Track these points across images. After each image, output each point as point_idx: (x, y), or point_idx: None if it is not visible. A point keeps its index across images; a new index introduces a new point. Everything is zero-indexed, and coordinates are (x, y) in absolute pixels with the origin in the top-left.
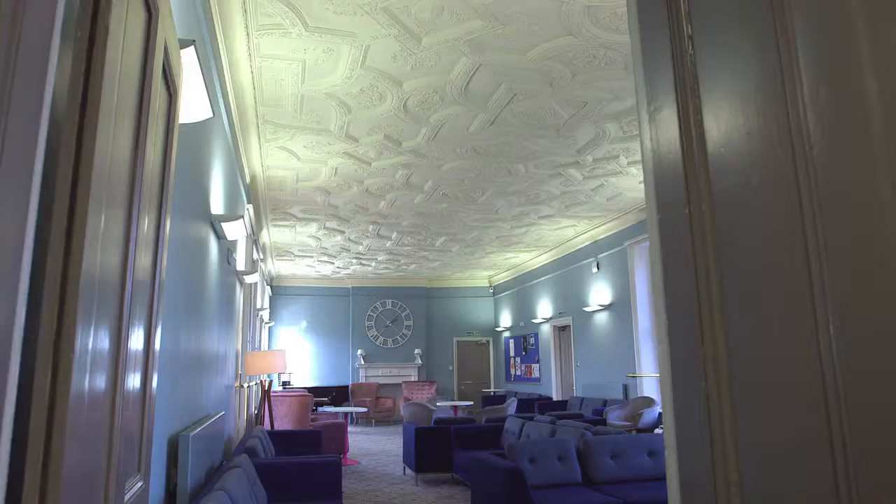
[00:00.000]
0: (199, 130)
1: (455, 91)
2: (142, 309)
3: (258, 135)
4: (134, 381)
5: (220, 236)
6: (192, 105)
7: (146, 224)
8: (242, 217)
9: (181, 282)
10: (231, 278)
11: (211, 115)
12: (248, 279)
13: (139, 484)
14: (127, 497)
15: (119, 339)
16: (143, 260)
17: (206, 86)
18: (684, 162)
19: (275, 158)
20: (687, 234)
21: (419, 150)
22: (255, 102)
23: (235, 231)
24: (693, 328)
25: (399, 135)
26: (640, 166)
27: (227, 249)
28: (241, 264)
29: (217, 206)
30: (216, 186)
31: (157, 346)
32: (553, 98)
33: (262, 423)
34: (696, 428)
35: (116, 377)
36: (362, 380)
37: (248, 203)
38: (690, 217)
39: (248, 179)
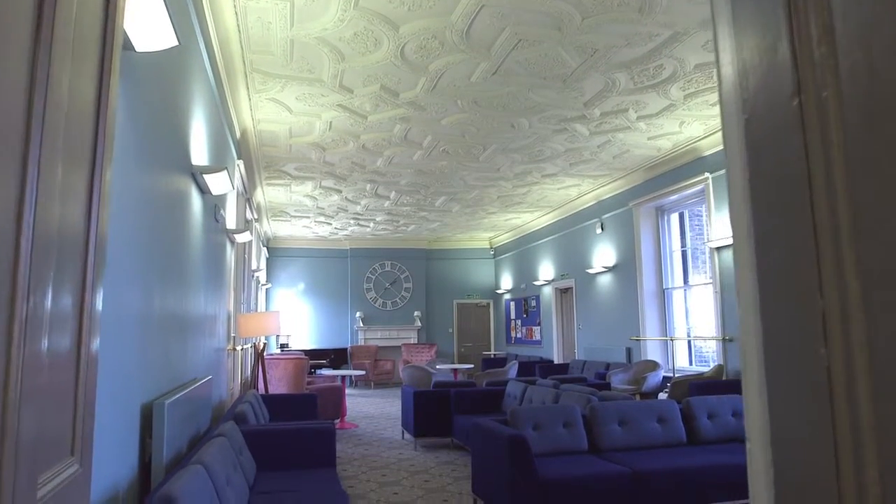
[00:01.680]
0: (175, 72)
1: (455, 36)
2: (68, 267)
3: (247, 85)
4: (55, 345)
5: (203, 190)
6: (149, 28)
7: (59, 173)
8: (226, 169)
9: (153, 238)
10: (220, 237)
11: (176, 43)
12: (240, 238)
13: (72, 469)
14: (50, 487)
15: (13, 299)
16: (57, 214)
17: (166, 5)
18: (790, 17)
19: (266, 111)
20: (797, 135)
21: (418, 103)
22: (242, 49)
23: (220, 185)
24: (805, 270)
25: (396, 85)
26: (649, 121)
27: (215, 206)
28: (231, 222)
29: (200, 158)
30: (198, 136)
31: (97, 306)
32: (560, 44)
33: (255, 387)
34: (807, 414)
35: (11, 341)
36: (361, 342)
37: (239, 159)
38: (802, 110)
39: (238, 134)
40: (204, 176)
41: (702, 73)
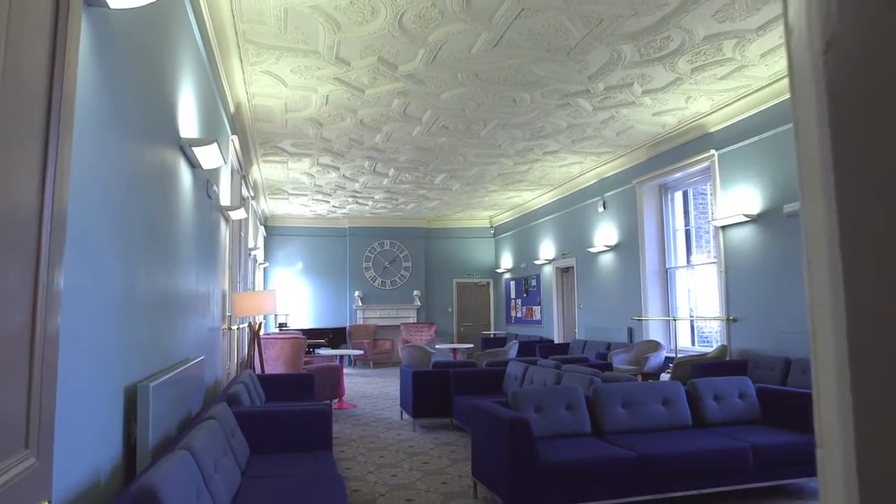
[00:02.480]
0: (161, 39)
1: (456, 4)
2: (15, 243)
3: (239, 57)
4: None
5: (194, 164)
6: None
7: None
8: (217, 142)
9: (137, 213)
10: (214, 213)
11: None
12: (235, 215)
13: (26, 463)
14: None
15: None
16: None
17: None
18: None
19: (260, 85)
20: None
21: (417, 76)
22: (234, 17)
23: (212, 159)
24: None
25: (394, 57)
26: (655, 96)
27: (207, 181)
28: (225, 199)
29: (190, 131)
30: (187, 109)
31: (57, 283)
32: (565, 13)
33: (251, 367)
34: None
35: None
36: (360, 322)
37: (233, 134)
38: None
39: (231, 108)
40: (193, 149)
41: (710, 46)
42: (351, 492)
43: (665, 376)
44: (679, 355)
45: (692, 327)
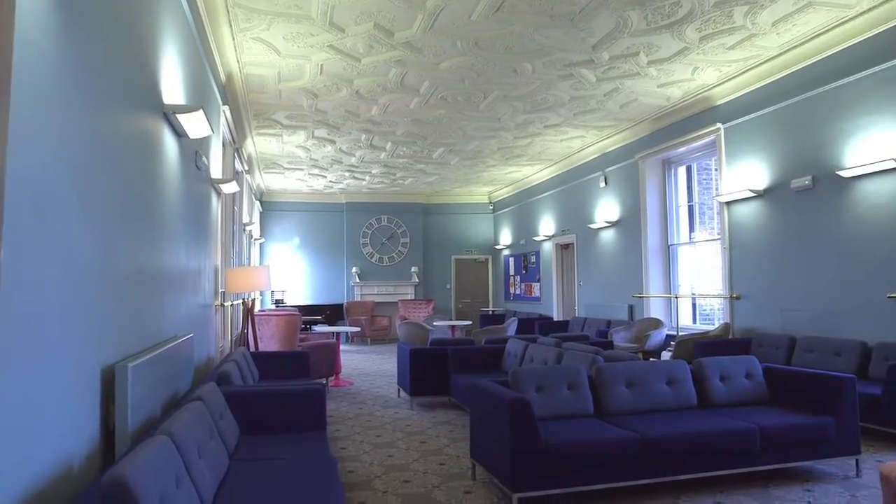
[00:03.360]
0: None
1: None
2: None
3: (229, 22)
4: None
5: (180, 133)
6: None
7: None
8: (202, 108)
9: (113, 183)
10: (203, 186)
11: None
12: (227, 188)
13: None
14: None
15: None
16: None
17: None
18: None
19: (252, 53)
20: None
21: (414, 44)
22: None
23: (198, 127)
24: None
25: (391, 24)
26: (661, 66)
27: (195, 152)
28: (216, 171)
29: (175, 98)
30: (172, 75)
31: None
32: None
33: (245, 345)
34: None
35: None
36: (357, 298)
37: (224, 104)
38: None
39: (223, 77)
40: (178, 116)
41: (721, 12)
42: (346, 473)
43: (666, 354)
44: (680, 333)
45: (693, 305)
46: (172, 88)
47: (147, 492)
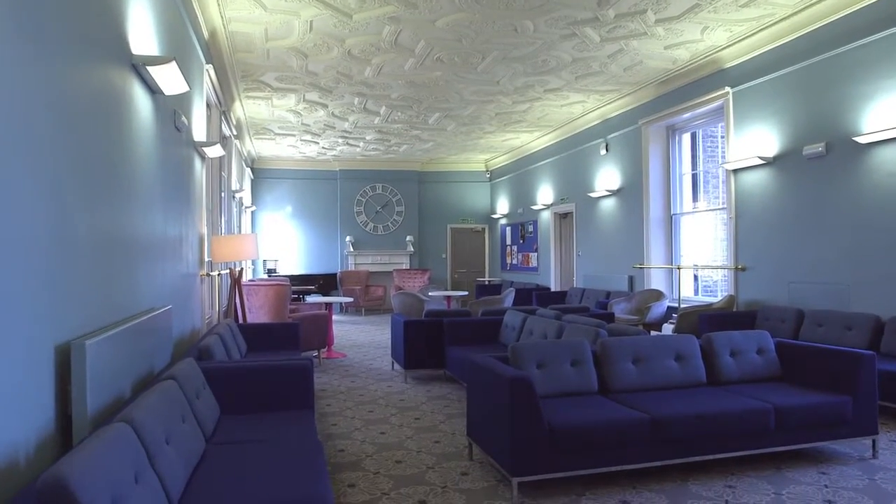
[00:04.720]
0: None
1: None
2: None
3: None
4: None
5: (154, 90)
6: None
7: None
8: (175, 59)
9: (70, 142)
10: (185, 150)
11: None
12: (211, 152)
13: None
14: None
15: None
16: None
17: None
18: None
19: (237, 7)
20: None
21: None
22: None
23: (174, 83)
24: None
25: None
26: (669, 25)
27: (174, 111)
28: (199, 133)
29: (147, 49)
30: (143, 24)
31: None
32: None
33: (235, 316)
34: None
35: None
36: (351, 268)
37: (208, 63)
38: None
39: (206, 34)
40: (149, 69)
41: None
42: (335, 451)
43: (668, 327)
44: (682, 305)
45: (695, 276)
46: (144, 39)
47: (93, 493)
